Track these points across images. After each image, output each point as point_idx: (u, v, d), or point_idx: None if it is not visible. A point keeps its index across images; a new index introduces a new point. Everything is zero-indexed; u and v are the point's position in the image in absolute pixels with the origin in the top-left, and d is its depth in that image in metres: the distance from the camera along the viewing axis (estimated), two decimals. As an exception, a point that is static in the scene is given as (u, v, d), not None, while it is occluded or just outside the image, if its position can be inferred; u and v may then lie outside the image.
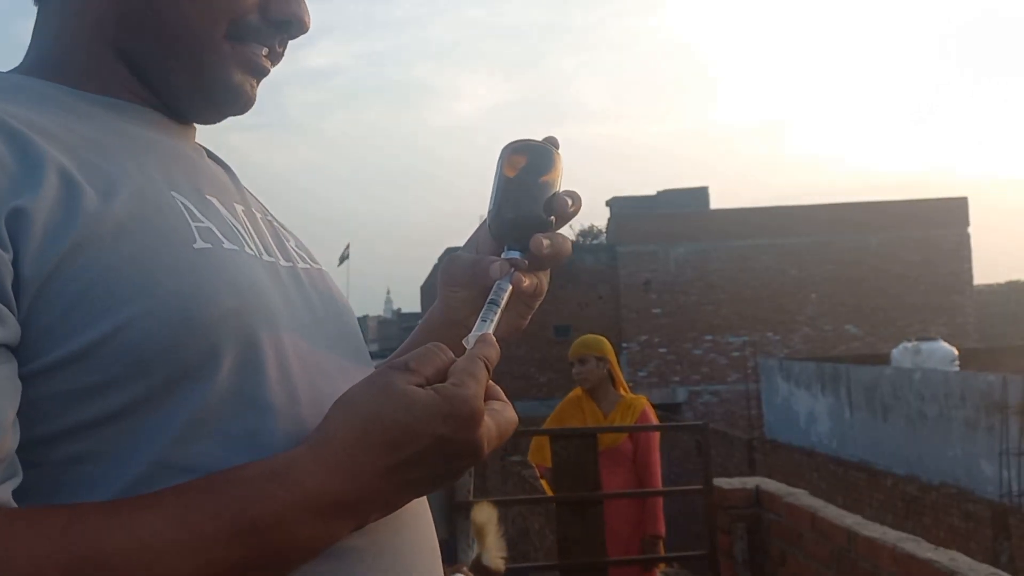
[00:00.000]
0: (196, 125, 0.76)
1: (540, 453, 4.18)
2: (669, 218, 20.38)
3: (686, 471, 13.02)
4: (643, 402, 4.07)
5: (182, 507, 0.53)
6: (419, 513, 0.69)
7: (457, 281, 0.77)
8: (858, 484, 11.19)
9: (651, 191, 23.45)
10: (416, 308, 31.91)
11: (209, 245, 0.62)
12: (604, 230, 24.77)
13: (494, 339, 0.65)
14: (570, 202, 0.74)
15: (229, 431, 0.58)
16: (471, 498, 3.68)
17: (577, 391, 4.15)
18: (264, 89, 0.76)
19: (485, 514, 2.90)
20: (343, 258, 30.01)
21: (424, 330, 0.84)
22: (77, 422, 0.55)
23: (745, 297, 19.90)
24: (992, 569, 2.54)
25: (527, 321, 0.80)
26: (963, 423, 9.79)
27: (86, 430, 0.55)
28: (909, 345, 13.05)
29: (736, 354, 19.56)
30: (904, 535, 3.00)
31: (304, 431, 0.60)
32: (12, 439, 0.52)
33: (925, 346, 12.86)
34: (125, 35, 0.68)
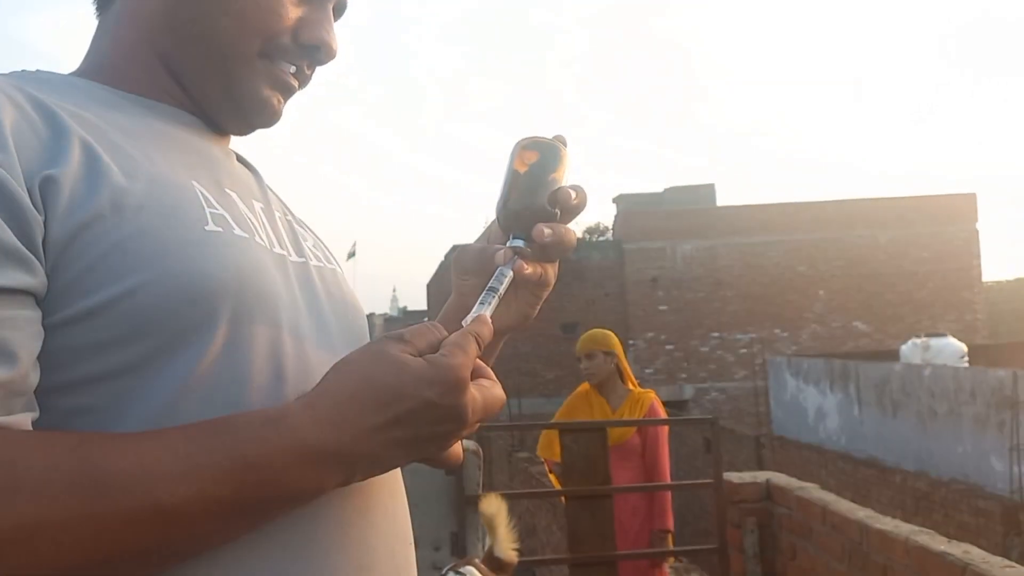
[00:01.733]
0: (231, 137, 0.82)
1: (549, 448, 4.17)
2: (676, 215, 20.33)
3: (694, 468, 12.99)
4: (651, 396, 4.06)
5: (183, 441, 0.57)
6: (393, 505, 0.74)
7: (467, 269, 0.81)
8: (867, 480, 11.15)
9: (658, 188, 23.42)
10: (422, 306, 31.96)
11: (220, 229, 0.67)
12: (611, 227, 24.73)
13: (488, 320, 0.69)
14: (574, 195, 0.78)
15: (214, 400, 0.63)
16: (479, 492, 3.68)
17: (585, 386, 4.14)
18: None
19: (494, 506, 2.89)
20: (349, 255, 30.06)
21: (442, 318, 0.87)
22: (81, 376, 0.60)
23: (753, 294, 19.85)
24: (1006, 561, 2.52)
25: (536, 311, 0.83)
26: (973, 419, 9.74)
27: (87, 385, 0.60)
28: (918, 341, 13.00)
29: (744, 351, 19.52)
30: (917, 528, 2.98)
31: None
32: (33, 377, 0.58)
33: (935, 342, 12.82)
34: (171, 45, 0.75)
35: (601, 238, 27.56)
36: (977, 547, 2.70)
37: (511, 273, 0.75)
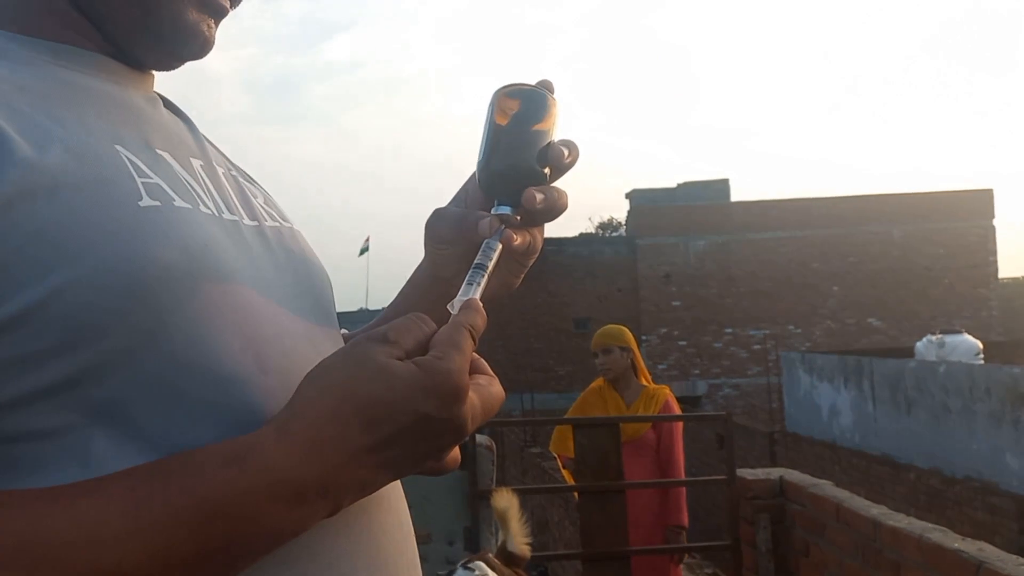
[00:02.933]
0: (154, 73, 0.70)
1: (562, 443, 4.18)
2: (689, 210, 20.27)
3: (706, 465, 12.97)
4: (666, 392, 4.06)
5: (132, 493, 0.48)
6: (390, 492, 0.65)
7: (443, 238, 0.71)
8: (880, 477, 11.10)
9: (671, 183, 23.34)
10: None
11: (157, 203, 0.56)
12: (623, 223, 24.69)
13: (480, 305, 0.60)
14: (566, 152, 0.69)
15: (190, 404, 0.54)
16: (492, 487, 3.69)
17: (599, 381, 4.15)
18: (284, 81, 0.68)
19: (506, 500, 2.91)
20: (363, 250, 30.12)
21: (411, 288, 0.80)
22: (19, 394, 0.50)
23: (766, 290, 19.77)
24: (1021, 560, 2.51)
25: (520, 280, 0.74)
26: (988, 416, 9.68)
27: (30, 402, 0.50)
28: (933, 338, 12.91)
29: (757, 347, 19.45)
30: (930, 525, 2.97)
31: (273, 402, 0.56)
32: None
33: (949, 339, 12.72)
34: None
35: (614, 233, 27.50)
36: (991, 545, 2.69)
37: (499, 246, 0.66)
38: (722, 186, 22.41)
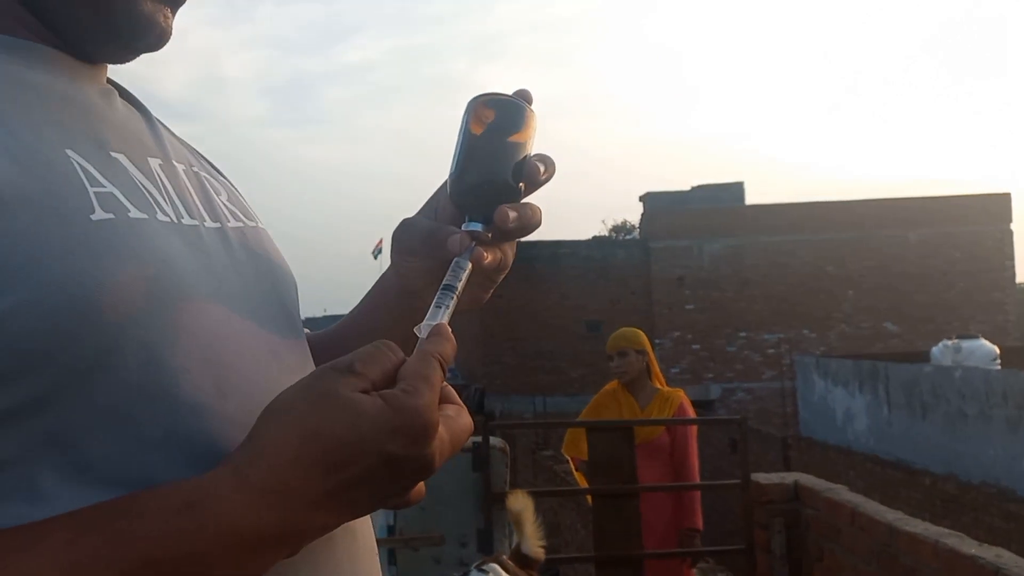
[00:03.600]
0: (108, 66, 0.65)
1: (576, 446, 4.18)
2: (703, 213, 20.23)
3: (719, 469, 12.90)
4: (680, 395, 4.05)
5: (71, 547, 0.44)
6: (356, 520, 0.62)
7: (412, 251, 0.68)
8: (895, 483, 11.03)
9: (685, 186, 23.30)
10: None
11: (110, 215, 0.52)
12: (637, 225, 24.65)
13: (449, 331, 0.56)
14: (542, 168, 0.66)
15: (144, 433, 0.50)
16: (506, 489, 3.70)
17: (613, 384, 4.14)
18: (298, 84, 0.64)
19: (521, 502, 2.91)
20: (376, 253, 30.19)
21: (379, 297, 0.76)
22: None
23: (780, 294, 19.70)
24: (1039, 566, 2.49)
25: (488, 295, 0.71)
26: (1004, 422, 9.61)
27: None
28: (949, 343, 12.83)
29: (771, 351, 19.38)
30: (946, 531, 2.95)
31: (234, 430, 0.52)
32: None
33: (966, 344, 12.65)
34: None
35: (627, 236, 27.47)
36: (1009, 552, 2.67)
37: (469, 265, 0.63)
38: (737, 189, 22.35)
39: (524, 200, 0.67)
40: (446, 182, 0.69)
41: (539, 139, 0.68)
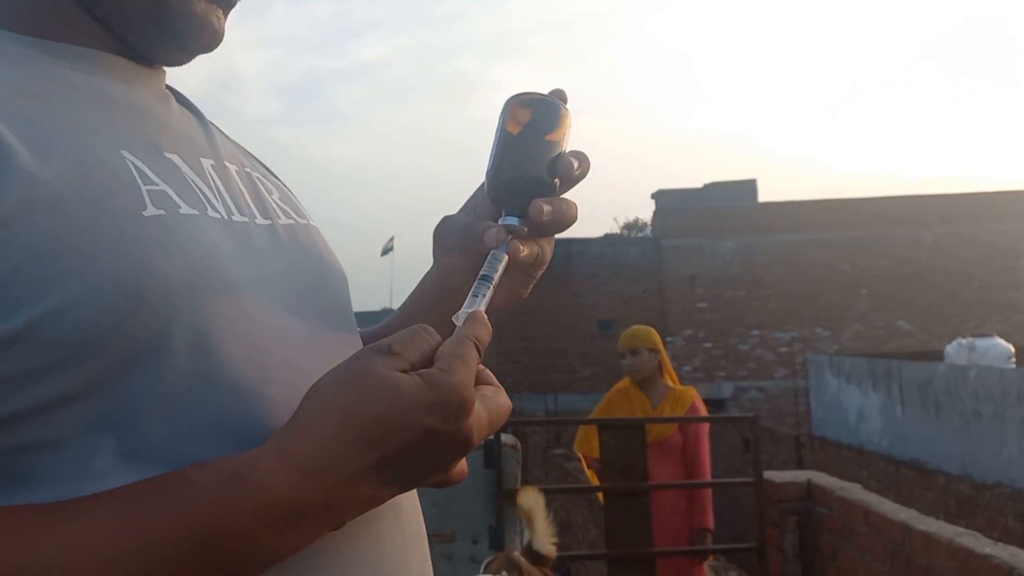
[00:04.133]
0: (166, 69, 0.69)
1: (587, 443, 4.18)
2: (716, 211, 20.16)
3: (731, 468, 12.87)
4: (693, 394, 4.05)
5: (123, 517, 0.47)
6: (402, 501, 0.64)
7: (450, 247, 0.71)
8: (909, 482, 10.97)
9: (698, 184, 23.22)
10: (460, 301, 31.95)
11: (162, 212, 0.55)
12: (649, 224, 24.61)
13: (485, 317, 0.59)
14: (576, 164, 0.68)
15: (193, 416, 0.53)
16: (517, 486, 3.70)
17: (625, 382, 4.13)
18: (312, 82, 0.68)
19: (532, 499, 2.91)
20: (387, 250, 30.24)
21: (419, 295, 0.79)
22: (19, 409, 0.49)
23: (793, 292, 19.62)
24: (1055, 566, 2.47)
25: (528, 291, 0.73)
26: (1020, 422, 9.53)
27: (30, 416, 0.50)
28: (964, 342, 12.74)
29: (784, 350, 19.30)
30: (961, 530, 2.94)
31: (277, 413, 0.55)
32: None
33: (980, 343, 12.55)
34: None
35: (640, 234, 27.42)
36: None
37: (505, 257, 0.65)
38: (749, 187, 22.24)
39: (560, 196, 0.68)
40: (484, 182, 0.71)
41: None
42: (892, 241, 19.83)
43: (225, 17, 0.66)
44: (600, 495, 4.15)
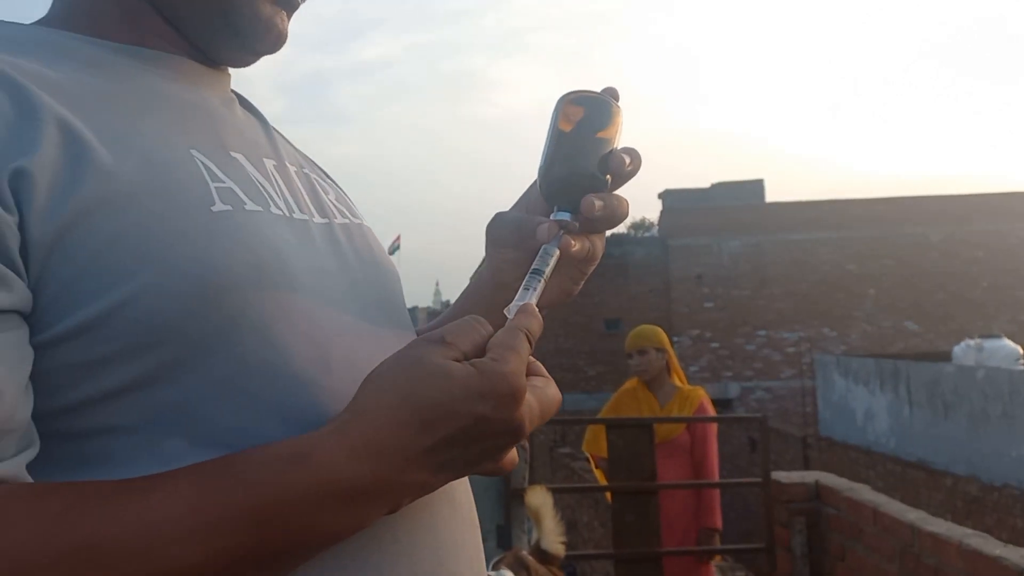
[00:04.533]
0: (230, 71, 0.72)
1: (595, 443, 4.18)
2: (723, 211, 20.11)
3: (738, 468, 12.86)
4: (700, 394, 4.04)
5: (193, 491, 0.49)
6: (456, 488, 0.65)
7: (503, 242, 0.72)
8: (916, 483, 10.94)
9: (705, 183, 23.18)
10: (466, 300, 31.98)
11: (228, 207, 0.58)
12: (656, 223, 24.56)
13: (536, 309, 0.60)
14: (628, 160, 0.69)
15: (256, 402, 0.55)
16: (525, 485, 3.70)
17: (633, 382, 4.13)
18: (316, 81, 0.71)
19: (540, 498, 2.91)
20: (393, 249, 30.26)
21: (473, 292, 0.80)
22: (94, 393, 0.52)
23: (801, 292, 19.57)
24: (1065, 568, 2.46)
25: (579, 287, 0.75)
26: (1028, 423, 9.50)
27: (104, 401, 0.52)
28: (972, 342, 12.70)
29: (791, 350, 19.26)
30: (970, 531, 2.93)
31: (338, 402, 0.56)
32: (24, 410, 0.50)
33: (988, 343, 12.51)
34: None
35: (646, 234, 27.39)
36: (1032, 553, 2.64)
37: (557, 252, 0.66)
38: (757, 186, 22.21)
39: (611, 192, 0.69)
40: (536, 179, 0.72)
41: None
42: (900, 241, 19.77)
43: (288, 19, 0.69)
44: (608, 495, 4.15)
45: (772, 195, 22.97)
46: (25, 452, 0.50)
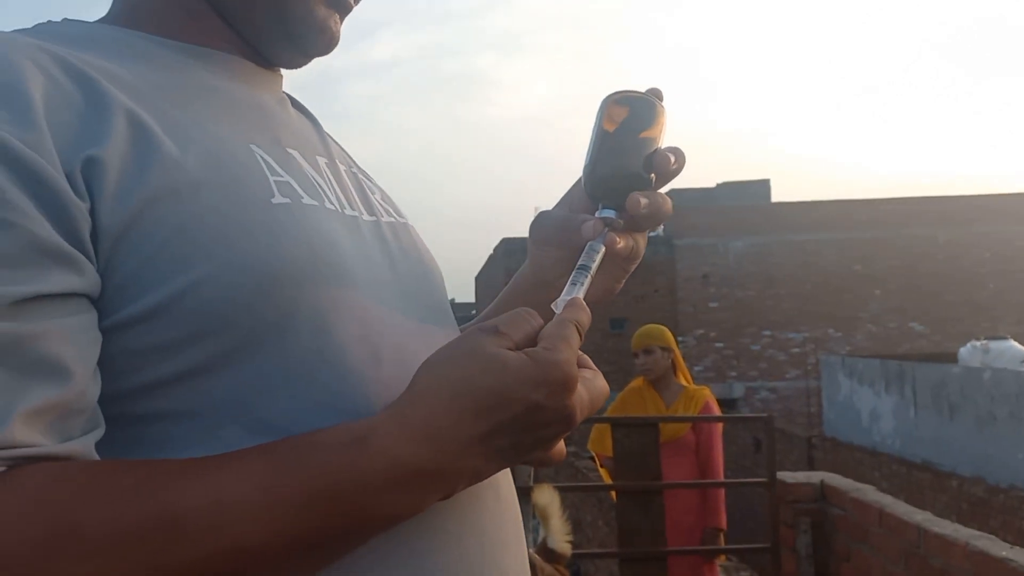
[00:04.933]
0: (283, 73, 0.74)
1: (601, 442, 4.18)
2: (729, 211, 20.09)
3: (742, 468, 12.84)
4: (706, 393, 4.04)
5: (260, 470, 0.50)
6: (501, 480, 0.66)
7: (547, 240, 0.73)
8: (921, 485, 10.92)
9: (711, 183, 23.17)
10: (470, 299, 32.11)
11: (287, 200, 0.60)
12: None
13: (584, 303, 0.61)
14: (672, 159, 0.69)
15: (311, 391, 0.56)
16: (531, 483, 3.70)
17: (639, 381, 4.13)
18: (323, 80, 0.73)
19: (547, 496, 2.92)
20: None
21: (513, 290, 0.81)
22: (155, 379, 0.54)
23: (806, 292, 19.53)
24: (1072, 569, 2.46)
25: (621, 285, 0.76)
26: (1034, 425, 9.47)
27: (165, 387, 0.54)
28: (978, 344, 12.66)
29: (796, 350, 19.23)
30: (977, 533, 2.92)
31: (388, 393, 0.58)
32: (92, 391, 0.51)
33: (995, 345, 12.47)
34: None
35: (652, 233, 27.32)
36: (1038, 555, 2.64)
37: (603, 248, 0.67)
38: (762, 187, 22.19)
39: (655, 190, 0.70)
40: (579, 179, 0.72)
41: (563, 133, 0.70)
42: (906, 242, 19.72)
43: (341, 22, 0.71)
44: (613, 494, 4.15)
45: (778, 195, 22.95)
46: (92, 433, 0.52)
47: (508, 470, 0.67)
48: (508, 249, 20.00)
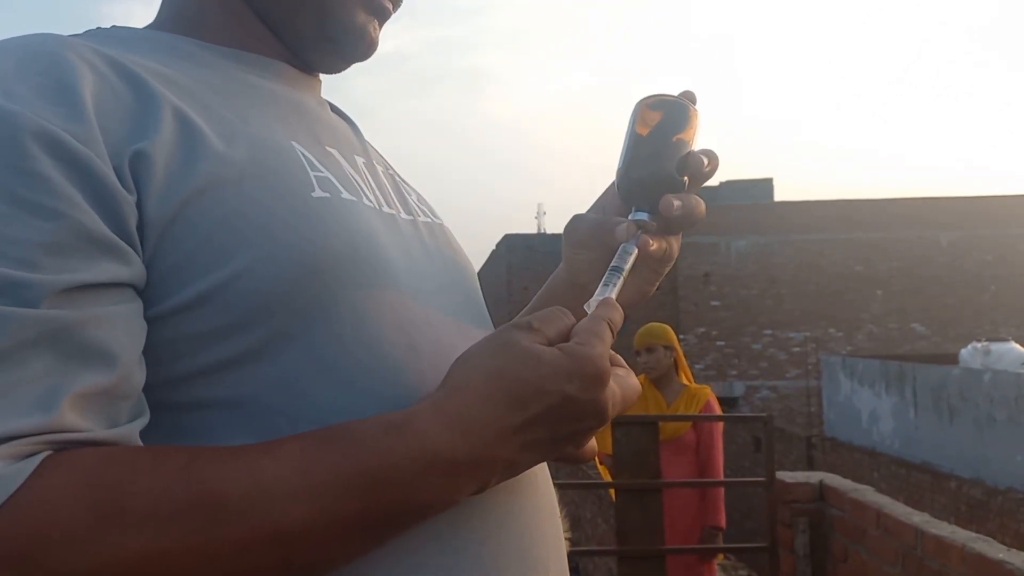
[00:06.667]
0: (321, 78, 0.76)
1: (601, 440, 4.19)
2: (731, 210, 20.07)
3: (741, 468, 12.86)
4: (707, 392, 4.05)
5: (302, 456, 0.51)
6: (538, 474, 0.67)
7: (581, 243, 0.74)
8: (920, 486, 10.94)
9: (714, 181, 23.10)
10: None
11: (327, 194, 0.61)
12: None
13: (616, 303, 0.62)
14: (706, 161, 0.70)
15: (349, 382, 0.57)
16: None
17: (640, 379, 4.13)
18: (326, 75, 0.76)
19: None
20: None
21: (548, 292, 0.82)
22: (197, 367, 0.55)
23: (808, 292, 19.53)
24: (1068, 573, 2.46)
25: (655, 288, 0.76)
26: (1034, 427, 9.48)
27: (206, 375, 0.55)
28: (979, 346, 12.66)
29: (797, 350, 19.23)
30: (974, 535, 2.93)
31: (425, 385, 0.59)
32: (138, 378, 0.53)
33: (995, 347, 12.47)
34: None
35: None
36: (1036, 558, 2.65)
37: (635, 250, 0.67)
38: (765, 186, 22.16)
39: (689, 193, 0.70)
40: (613, 182, 0.73)
41: (566, 130, 0.71)
42: (908, 243, 19.71)
43: (380, 28, 0.73)
44: (612, 491, 4.16)
45: (781, 194, 22.93)
46: (138, 420, 0.53)
47: (545, 465, 0.67)
48: (510, 245, 19.98)
